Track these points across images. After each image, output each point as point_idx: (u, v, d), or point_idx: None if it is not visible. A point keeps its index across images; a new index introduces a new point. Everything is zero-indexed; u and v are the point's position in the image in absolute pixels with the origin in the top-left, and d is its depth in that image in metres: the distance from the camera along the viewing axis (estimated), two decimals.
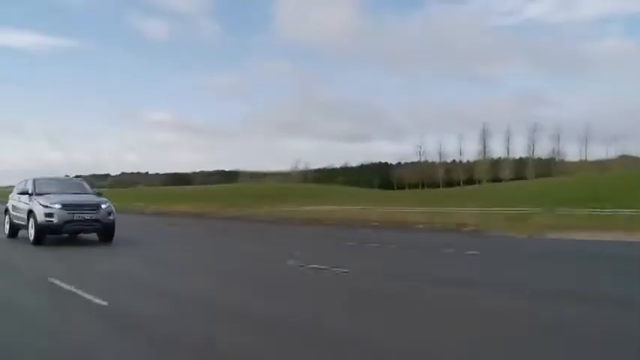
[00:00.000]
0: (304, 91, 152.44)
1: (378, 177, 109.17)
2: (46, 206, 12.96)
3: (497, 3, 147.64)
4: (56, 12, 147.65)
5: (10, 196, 15.60)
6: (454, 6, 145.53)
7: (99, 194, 14.71)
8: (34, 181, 14.28)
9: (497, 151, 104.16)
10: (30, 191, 13.77)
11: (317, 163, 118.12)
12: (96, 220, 13.33)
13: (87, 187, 15.22)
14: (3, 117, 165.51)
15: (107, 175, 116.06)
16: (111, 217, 13.59)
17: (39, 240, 13.00)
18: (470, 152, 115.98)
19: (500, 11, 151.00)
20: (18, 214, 14.31)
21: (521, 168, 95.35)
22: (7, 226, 15.20)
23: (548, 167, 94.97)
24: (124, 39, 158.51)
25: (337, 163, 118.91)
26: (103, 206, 13.59)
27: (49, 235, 13.26)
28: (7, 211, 15.44)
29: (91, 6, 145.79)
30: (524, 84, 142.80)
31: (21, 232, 14.45)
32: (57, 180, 15.61)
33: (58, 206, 12.97)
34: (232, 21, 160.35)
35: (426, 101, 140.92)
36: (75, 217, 13.07)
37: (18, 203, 14.41)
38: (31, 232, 13.13)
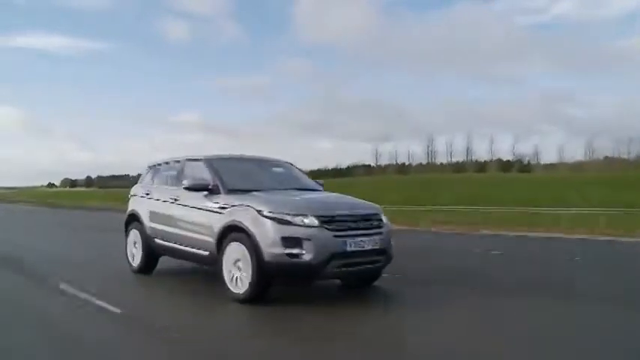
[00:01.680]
0: (327, 91, 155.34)
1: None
2: (282, 220, 5.37)
3: (523, 1, 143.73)
4: (79, 15, 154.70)
5: (135, 192, 7.94)
6: (479, 5, 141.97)
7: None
8: (211, 162, 6.61)
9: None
10: (211, 184, 6.21)
11: (342, 163, 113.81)
12: (380, 252, 5.77)
13: (303, 175, 7.54)
14: (32, 118, 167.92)
15: (127, 176, 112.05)
16: (392, 242, 6.01)
17: (258, 293, 5.50)
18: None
19: (527, 9, 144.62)
20: (179, 231, 6.60)
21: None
22: (135, 250, 7.60)
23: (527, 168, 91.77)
24: (147, 42, 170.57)
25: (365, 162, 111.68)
26: (384, 219, 6.05)
27: (286, 283, 6.09)
28: (132, 221, 7.71)
29: (114, 9, 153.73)
30: (552, 83, 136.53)
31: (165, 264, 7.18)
32: (243, 161, 7.25)
33: (312, 221, 5.38)
34: (252, 22, 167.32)
35: (452, 101, 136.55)
36: (349, 247, 5.46)
37: (174, 208, 6.73)
38: (241, 276, 5.57)
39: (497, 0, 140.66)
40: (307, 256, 5.23)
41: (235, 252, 5.58)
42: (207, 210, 6.06)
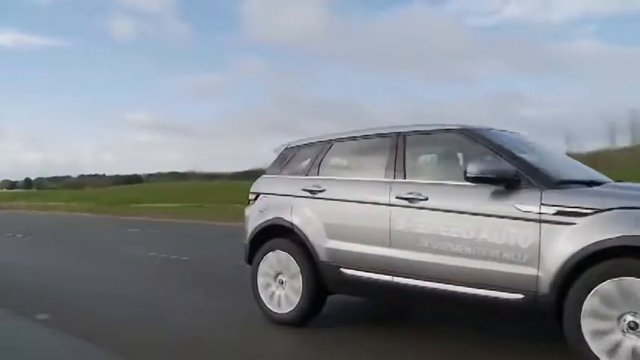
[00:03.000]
0: (283, 90, 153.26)
1: None
2: None
3: (476, 3, 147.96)
4: (27, 10, 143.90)
5: (275, 189, 4.74)
6: (433, 6, 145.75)
7: None
8: (486, 135, 3.78)
9: None
10: (511, 173, 3.37)
11: None
12: None
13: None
14: None
15: (68, 177, 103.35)
16: None
17: None
18: None
19: (478, 11, 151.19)
20: (429, 258, 3.61)
21: None
22: (280, 288, 4.47)
23: None
24: (95, 39, 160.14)
25: None
26: None
27: None
28: (273, 239, 4.58)
29: (60, 5, 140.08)
30: (502, 83, 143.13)
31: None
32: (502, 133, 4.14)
33: None
34: (200, 20, 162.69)
35: (406, 100, 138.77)
36: None
37: (416, 216, 3.72)
38: None
39: (449, 1, 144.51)
40: None
41: (631, 296, 2.93)
42: (516, 219, 3.31)
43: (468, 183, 3.52)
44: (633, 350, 2.90)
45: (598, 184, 3.53)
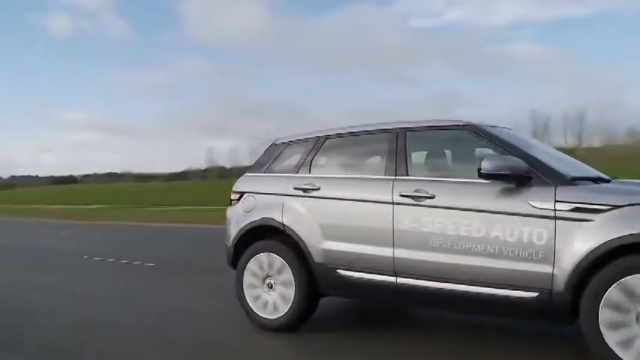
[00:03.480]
0: (224, 90, 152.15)
1: None
2: None
3: (420, 5, 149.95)
4: None
5: (261, 188, 4.45)
6: (377, 7, 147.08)
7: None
8: (492, 133, 3.67)
9: None
10: (524, 170, 3.27)
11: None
12: None
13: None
14: None
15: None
16: None
17: None
18: None
19: (423, 12, 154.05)
20: (439, 257, 3.47)
21: None
22: (269, 293, 4.23)
23: None
24: (27, 35, 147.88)
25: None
26: None
27: None
28: (260, 240, 4.32)
29: None
30: (444, 84, 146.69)
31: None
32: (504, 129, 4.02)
33: None
34: (139, 18, 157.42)
35: (348, 101, 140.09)
36: None
37: (424, 215, 3.56)
38: None
39: (394, 3, 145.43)
40: None
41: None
42: (530, 216, 3.22)
43: (476, 180, 3.42)
44: None
45: (605, 180, 3.52)
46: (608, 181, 3.53)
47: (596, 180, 3.48)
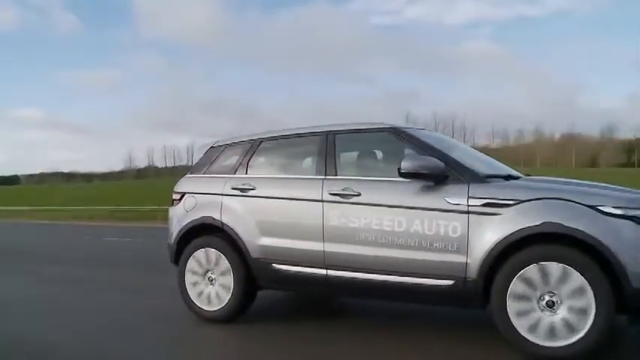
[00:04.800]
0: (178, 88, 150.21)
1: None
2: None
3: (378, 3, 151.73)
4: None
5: (200, 188, 4.67)
6: (335, 5, 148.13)
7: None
8: (414, 135, 4.01)
9: None
10: (442, 168, 3.60)
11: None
12: None
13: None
14: None
15: None
16: None
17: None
18: None
19: (381, 10, 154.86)
20: (367, 250, 3.75)
21: None
22: (210, 287, 4.43)
23: None
24: None
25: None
26: None
27: None
28: (201, 236, 4.53)
29: None
30: (400, 82, 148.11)
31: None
32: (428, 131, 4.51)
33: None
34: (90, 13, 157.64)
35: (304, 99, 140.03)
36: None
37: (351, 211, 3.84)
38: (570, 319, 3.19)
39: (352, 0, 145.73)
40: None
41: (550, 278, 3.26)
42: (446, 211, 3.55)
43: (398, 179, 3.71)
44: (550, 326, 3.25)
45: (515, 178, 3.87)
46: (517, 179, 3.88)
47: (508, 177, 3.82)
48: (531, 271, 3.30)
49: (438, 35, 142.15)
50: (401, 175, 3.64)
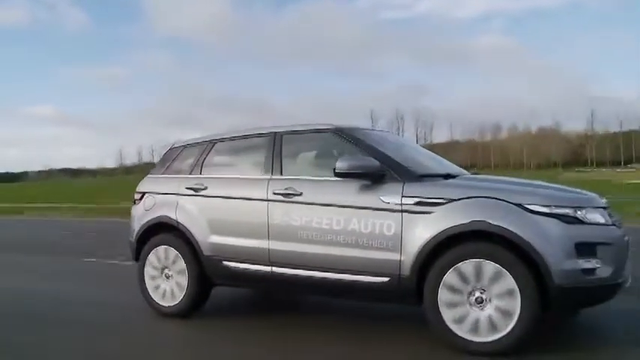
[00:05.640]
0: (188, 84, 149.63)
1: None
2: (567, 217, 3.31)
3: None
4: None
5: (158, 189, 4.83)
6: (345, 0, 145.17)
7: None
8: (356, 134, 4.11)
9: None
10: (377, 168, 3.71)
11: None
12: None
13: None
14: None
15: None
16: None
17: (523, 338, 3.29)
18: None
19: (392, 5, 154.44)
20: (308, 248, 3.87)
21: None
22: (167, 282, 4.58)
23: None
24: None
25: None
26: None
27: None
28: (158, 235, 4.69)
29: None
30: (410, 76, 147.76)
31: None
32: (376, 132, 4.70)
33: (600, 216, 3.44)
34: (99, 10, 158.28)
35: (314, 94, 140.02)
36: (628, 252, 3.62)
37: (291, 210, 3.97)
38: (492, 315, 3.31)
39: None
40: (604, 271, 3.31)
41: (479, 275, 3.36)
42: (381, 209, 3.65)
43: (339, 178, 3.81)
44: (476, 321, 3.36)
45: (454, 176, 3.96)
46: (454, 177, 3.95)
47: (446, 176, 3.90)
48: (461, 268, 3.40)
49: (449, 29, 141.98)
50: (336, 175, 3.76)
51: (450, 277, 3.43)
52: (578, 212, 3.36)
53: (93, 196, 34.00)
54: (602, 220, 3.41)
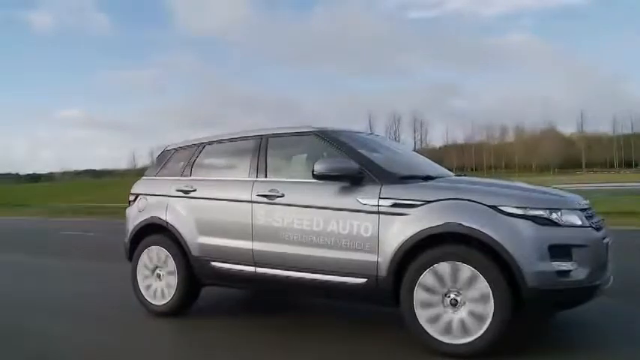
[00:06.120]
0: (214, 84, 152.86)
1: None
2: (542, 219, 3.31)
3: None
4: None
5: (150, 190, 4.96)
6: None
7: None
8: (336, 136, 4.15)
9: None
10: (356, 170, 3.76)
11: None
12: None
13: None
14: None
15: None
16: None
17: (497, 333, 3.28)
18: None
19: (421, 4, 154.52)
20: (288, 249, 3.94)
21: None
22: (158, 282, 4.70)
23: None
24: (11, 32, 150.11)
25: None
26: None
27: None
28: (150, 236, 4.81)
29: None
30: (438, 75, 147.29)
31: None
32: (359, 134, 4.70)
33: (577, 218, 3.42)
34: (123, 15, 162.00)
35: (341, 94, 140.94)
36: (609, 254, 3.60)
37: (274, 212, 4.04)
38: (479, 314, 3.30)
39: None
40: (580, 273, 3.30)
41: (453, 277, 3.38)
42: (359, 211, 3.70)
43: (319, 180, 3.85)
44: (449, 322, 3.38)
45: (433, 178, 3.96)
46: (433, 179, 3.96)
47: (426, 178, 3.92)
48: (436, 269, 3.42)
49: (478, 28, 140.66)
50: (314, 177, 3.81)
51: (425, 278, 3.45)
52: (554, 214, 3.35)
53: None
54: (578, 222, 3.40)
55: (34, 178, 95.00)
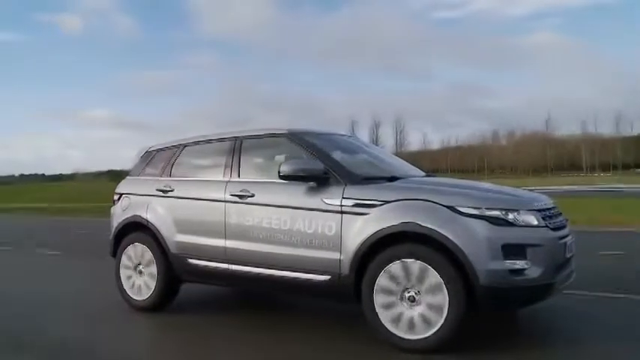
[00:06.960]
0: (238, 84, 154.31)
1: None
2: (497, 219, 3.39)
3: None
4: None
5: (133, 190, 5.15)
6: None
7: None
8: (306, 138, 4.27)
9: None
10: (322, 171, 3.87)
11: None
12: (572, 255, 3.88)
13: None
14: None
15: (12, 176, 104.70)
16: None
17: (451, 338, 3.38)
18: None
19: (446, 4, 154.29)
20: (257, 247, 4.08)
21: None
22: (140, 278, 4.87)
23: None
24: (42, 35, 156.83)
25: None
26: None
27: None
28: (132, 233, 4.98)
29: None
30: (462, 76, 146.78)
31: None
32: (332, 135, 4.83)
33: (533, 218, 3.49)
34: (148, 16, 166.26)
35: (364, 94, 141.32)
36: (568, 254, 3.69)
37: (244, 211, 4.19)
38: (428, 314, 3.40)
39: None
40: (534, 272, 3.36)
41: (410, 275, 3.47)
42: (323, 211, 3.80)
43: (288, 180, 3.97)
44: (411, 319, 3.46)
45: (399, 179, 4.04)
46: (396, 180, 4.02)
47: (391, 179, 4.00)
48: (394, 267, 3.50)
49: (503, 28, 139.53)
50: (280, 177, 3.93)
51: (384, 276, 3.54)
52: (510, 215, 3.41)
53: None
54: (534, 222, 3.45)
55: (57, 178, 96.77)
